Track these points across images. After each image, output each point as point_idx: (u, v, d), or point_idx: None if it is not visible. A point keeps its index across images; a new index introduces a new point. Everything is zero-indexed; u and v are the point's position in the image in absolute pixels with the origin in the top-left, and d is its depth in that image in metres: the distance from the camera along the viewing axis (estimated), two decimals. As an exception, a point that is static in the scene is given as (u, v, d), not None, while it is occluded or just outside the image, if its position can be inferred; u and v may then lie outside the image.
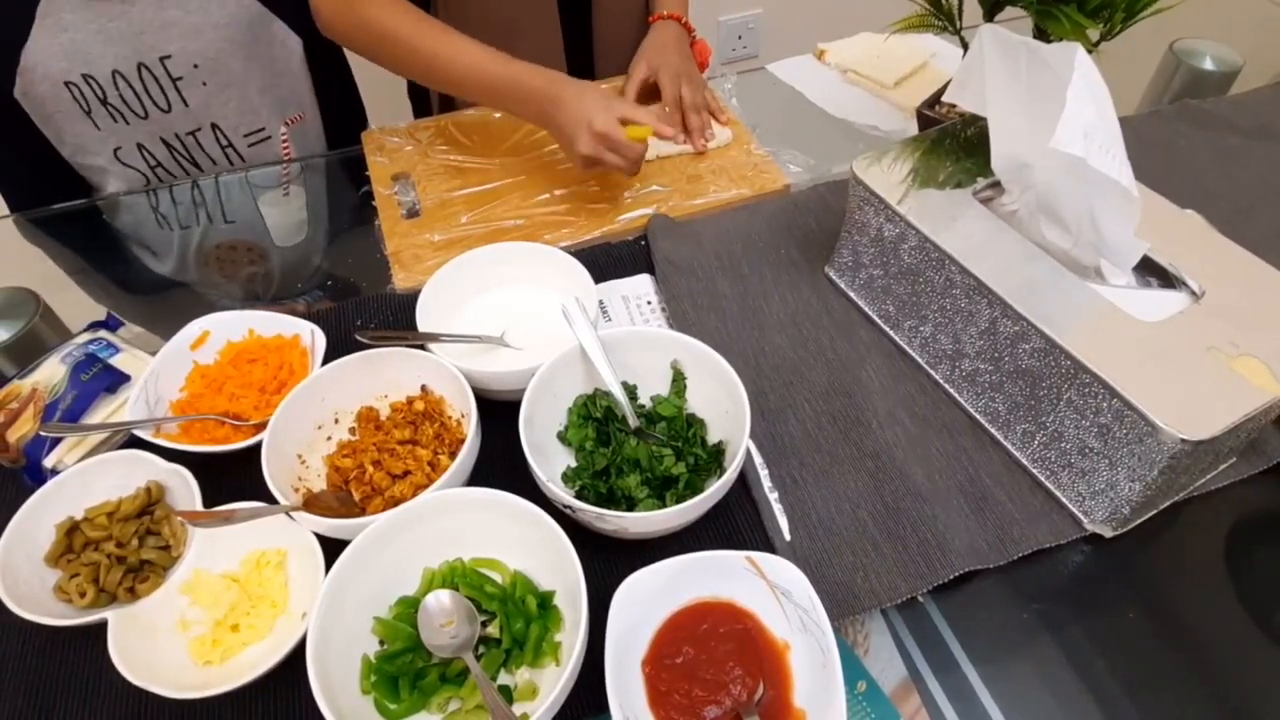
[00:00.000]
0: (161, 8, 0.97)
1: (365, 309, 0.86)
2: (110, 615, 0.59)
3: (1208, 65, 1.13)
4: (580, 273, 0.79)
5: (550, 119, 0.88)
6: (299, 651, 0.55)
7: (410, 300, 0.78)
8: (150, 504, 0.66)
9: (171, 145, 1.06)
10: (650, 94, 1.07)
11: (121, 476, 0.67)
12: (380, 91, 1.26)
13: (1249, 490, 0.69)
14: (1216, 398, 0.58)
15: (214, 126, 1.07)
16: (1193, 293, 0.66)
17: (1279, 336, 0.61)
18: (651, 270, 0.89)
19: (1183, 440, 0.56)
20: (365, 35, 0.91)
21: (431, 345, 0.73)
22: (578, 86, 0.88)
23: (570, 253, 0.82)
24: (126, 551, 0.63)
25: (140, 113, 1.02)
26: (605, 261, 0.90)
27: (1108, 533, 0.66)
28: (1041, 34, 0.82)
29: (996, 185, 0.76)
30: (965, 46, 0.82)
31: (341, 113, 1.19)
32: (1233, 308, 0.64)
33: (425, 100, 1.22)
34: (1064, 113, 0.59)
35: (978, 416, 0.74)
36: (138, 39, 0.97)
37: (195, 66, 1.01)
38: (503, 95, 0.90)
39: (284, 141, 1.03)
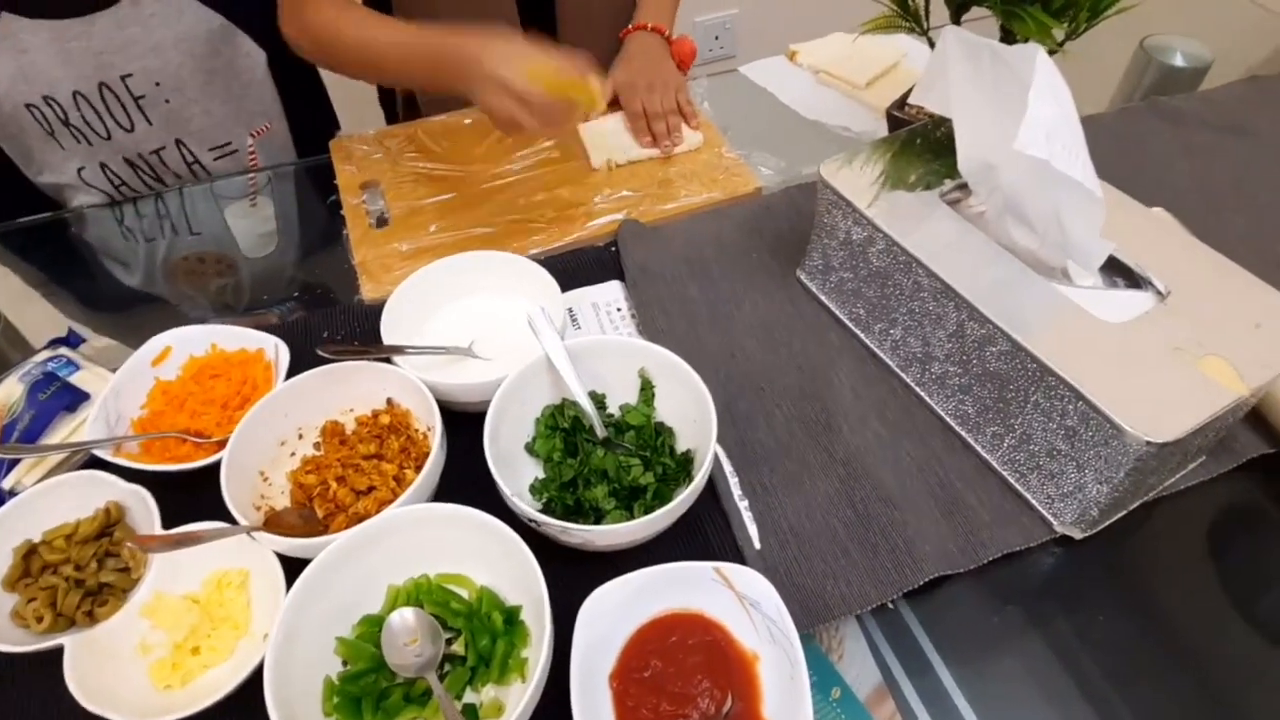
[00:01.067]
0: (121, 26, 0.95)
1: (333, 321, 0.85)
2: (67, 641, 0.57)
3: (1178, 61, 1.13)
4: (546, 280, 0.78)
5: (466, 78, 0.79)
6: (260, 673, 0.54)
7: (378, 311, 0.76)
8: (109, 525, 0.65)
9: (135, 165, 1.05)
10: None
11: (80, 498, 0.66)
12: (353, 99, 1.25)
13: (1219, 489, 0.69)
14: (1182, 399, 0.58)
15: (179, 143, 1.05)
16: (1158, 292, 0.65)
17: (1245, 336, 0.61)
18: (622, 277, 0.89)
19: (1148, 443, 0.56)
20: (312, 40, 0.89)
21: (397, 358, 0.72)
22: (489, 38, 0.79)
23: (540, 260, 0.81)
24: (85, 574, 0.62)
25: (103, 133, 1.00)
26: (575, 268, 0.89)
27: (1077, 534, 0.66)
28: (1007, 34, 0.82)
29: (964, 187, 0.75)
30: (934, 47, 0.81)
31: (311, 121, 1.18)
32: (1199, 307, 0.64)
33: (393, 105, 1.21)
34: (1026, 115, 0.59)
35: (948, 419, 0.74)
36: (98, 59, 0.95)
37: (157, 84, 1.00)
38: (425, 66, 0.85)
39: (250, 153, 1.02)
